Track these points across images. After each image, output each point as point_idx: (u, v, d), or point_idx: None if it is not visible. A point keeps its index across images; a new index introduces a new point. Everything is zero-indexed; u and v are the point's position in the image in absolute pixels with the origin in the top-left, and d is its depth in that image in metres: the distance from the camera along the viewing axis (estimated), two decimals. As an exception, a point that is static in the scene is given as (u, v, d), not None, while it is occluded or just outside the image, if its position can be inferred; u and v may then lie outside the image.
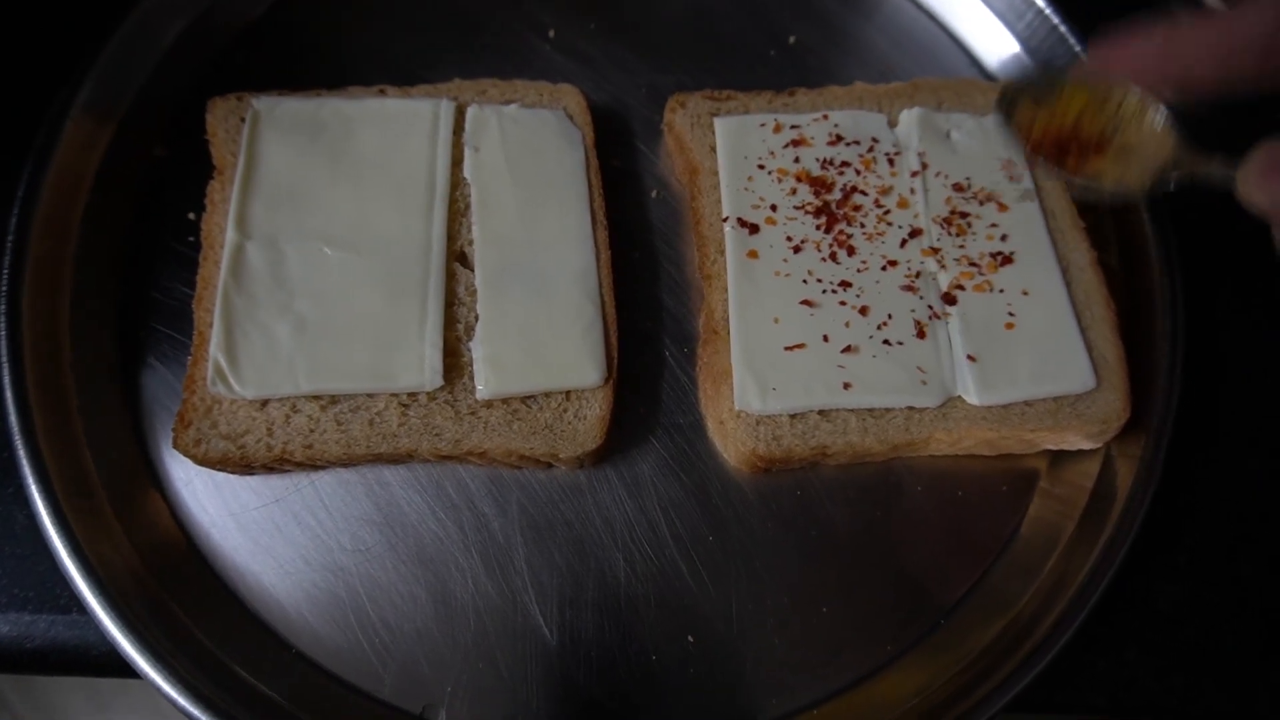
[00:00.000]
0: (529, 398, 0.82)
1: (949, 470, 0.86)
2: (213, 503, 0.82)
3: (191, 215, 0.91)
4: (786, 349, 0.83)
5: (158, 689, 0.71)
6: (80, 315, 0.86)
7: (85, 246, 0.88)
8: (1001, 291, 0.86)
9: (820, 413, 0.82)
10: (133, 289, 0.89)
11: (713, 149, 0.92)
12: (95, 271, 0.88)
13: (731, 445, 0.83)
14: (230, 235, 0.84)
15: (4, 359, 0.79)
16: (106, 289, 0.88)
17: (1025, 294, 0.86)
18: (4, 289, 0.81)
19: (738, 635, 0.80)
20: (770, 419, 0.82)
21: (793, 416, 0.82)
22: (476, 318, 0.84)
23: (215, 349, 0.80)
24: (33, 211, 0.85)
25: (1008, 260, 0.87)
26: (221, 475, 0.83)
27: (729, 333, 0.84)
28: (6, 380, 0.78)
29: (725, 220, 0.88)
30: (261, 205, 0.86)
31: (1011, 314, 0.85)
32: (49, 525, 0.75)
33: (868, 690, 0.79)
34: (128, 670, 0.75)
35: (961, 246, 0.88)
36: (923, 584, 0.82)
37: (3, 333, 0.80)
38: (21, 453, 0.76)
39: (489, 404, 0.81)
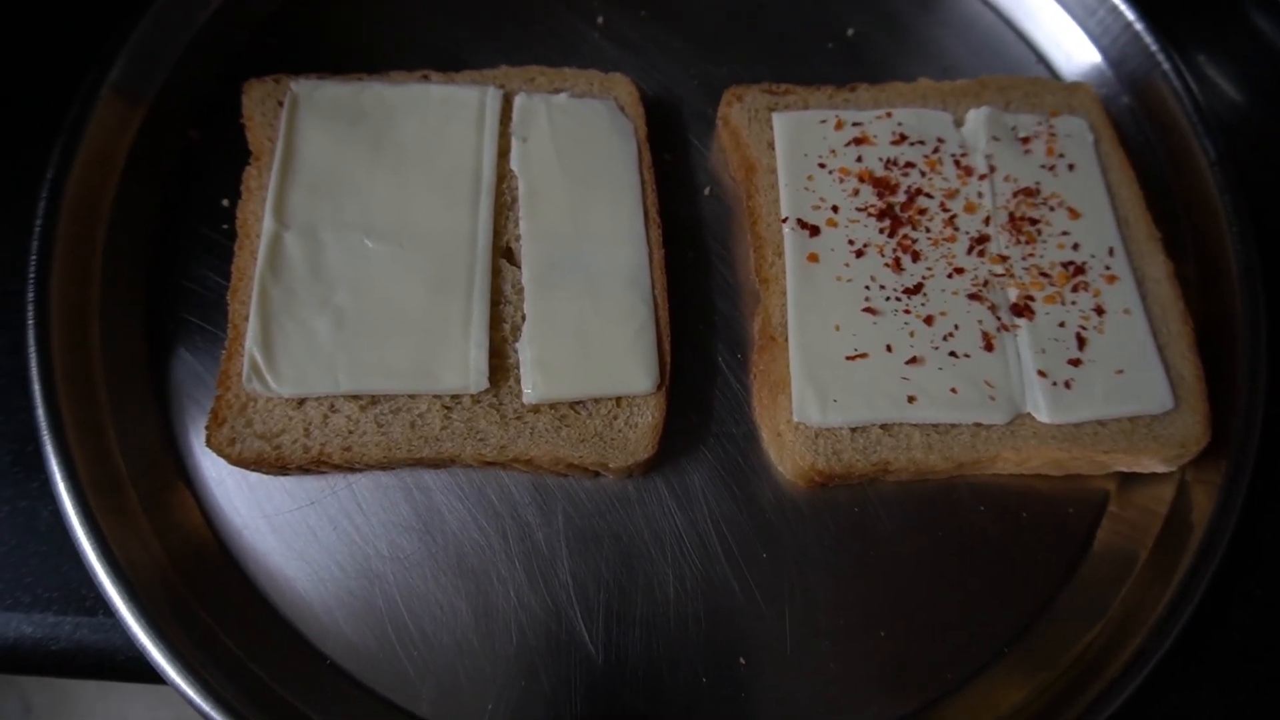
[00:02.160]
0: (578, 403, 0.78)
1: (1013, 490, 0.82)
2: (245, 503, 0.79)
3: (225, 202, 0.87)
4: (848, 358, 0.79)
5: (187, 699, 0.68)
6: (110, 304, 0.82)
7: (115, 233, 0.85)
8: (1074, 304, 0.82)
9: (882, 427, 0.78)
10: (163, 278, 0.86)
11: (771, 145, 0.88)
12: (125, 259, 0.84)
13: (788, 458, 0.79)
14: (268, 224, 0.80)
15: (32, 348, 0.75)
16: (137, 277, 0.85)
17: (1098, 308, 0.82)
18: (33, 274, 0.77)
19: (791, 657, 0.76)
20: (830, 432, 0.78)
21: (854, 430, 0.78)
22: (524, 317, 0.80)
23: (251, 344, 0.76)
24: (62, 195, 0.81)
25: (1080, 270, 0.83)
26: (255, 475, 0.79)
27: (787, 340, 0.80)
28: (34, 371, 0.75)
29: (784, 221, 0.84)
30: (300, 193, 0.82)
31: (1084, 328, 0.81)
32: (76, 524, 0.71)
33: (927, 718, 0.75)
34: (155, 676, 0.72)
35: (1031, 255, 0.84)
36: (985, 609, 0.79)
37: (31, 320, 0.76)
38: (49, 447, 0.73)
39: (536, 409, 0.78)
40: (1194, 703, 0.78)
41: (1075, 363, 0.79)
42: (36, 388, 0.74)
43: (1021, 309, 0.81)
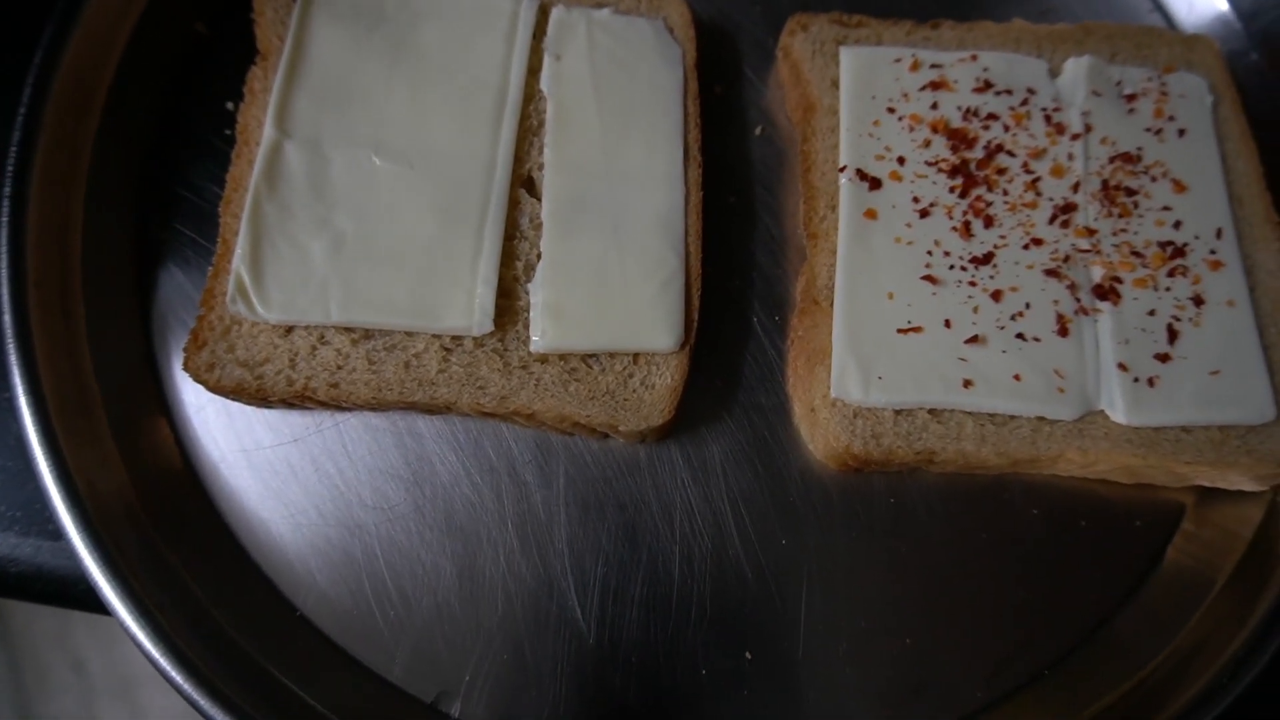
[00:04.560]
0: (591, 356, 0.70)
1: (1073, 494, 0.73)
2: (224, 435, 0.73)
3: (230, 105, 0.80)
4: (899, 331, 0.70)
5: (135, 641, 0.63)
6: (95, 207, 0.75)
7: (107, 130, 0.77)
8: (1168, 290, 0.71)
9: (931, 411, 0.69)
10: (157, 184, 0.79)
11: (835, 84, 0.78)
12: (116, 159, 0.77)
13: (820, 437, 0.71)
14: (268, 131, 0.73)
15: (3, 249, 0.69)
16: (128, 181, 0.78)
17: (1197, 297, 0.71)
18: (11, 167, 0.71)
19: (803, 658, 0.69)
20: (871, 412, 0.69)
21: (898, 412, 0.69)
22: (539, 256, 0.72)
23: (239, 261, 0.69)
24: (50, 83, 0.74)
25: (1179, 253, 0.72)
26: (236, 405, 0.73)
27: (832, 305, 0.71)
28: (3, 274, 0.69)
29: (842, 170, 0.74)
30: (306, 100, 0.75)
31: (1178, 319, 0.70)
32: (35, 443, 0.66)
33: (949, 740, 0.68)
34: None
35: (1124, 230, 0.73)
36: (1028, 625, 0.70)
37: (5, 219, 0.70)
38: (12, 358, 0.67)
39: (544, 359, 0.70)
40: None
41: (1163, 358, 0.69)
42: (4, 292, 0.68)
43: (1106, 291, 0.71)
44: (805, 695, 0.68)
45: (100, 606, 0.69)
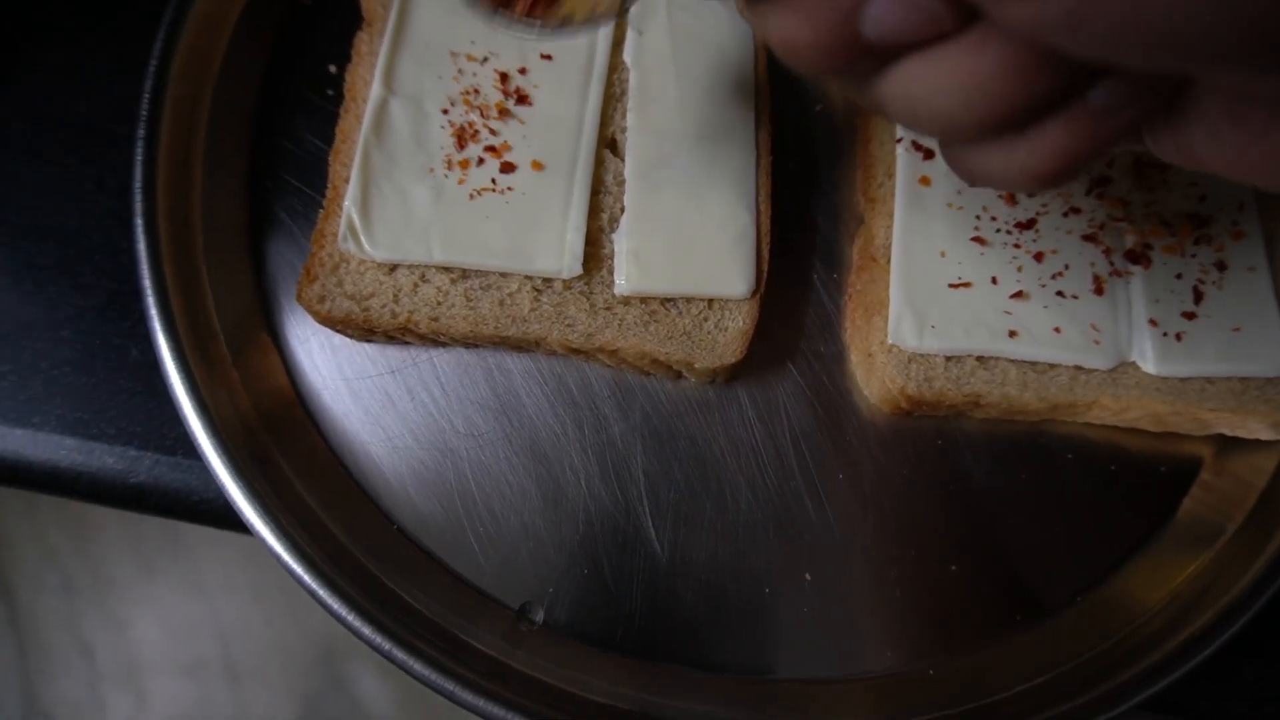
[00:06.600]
0: (669, 300, 0.77)
1: (1104, 442, 0.80)
2: (327, 365, 0.79)
3: (333, 68, 0.87)
4: (951, 286, 0.77)
5: (263, 541, 0.69)
6: (214, 155, 0.82)
7: (223, 86, 0.84)
8: (1194, 256, 0.78)
9: (978, 359, 0.76)
10: (265, 138, 0.86)
11: (892, 64, 0.85)
12: (231, 112, 0.84)
13: (876, 381, 0.77)
14: (376, 89, 0.80)
15: (137, 183, 0.76)
16: (241, 136, 0.85)
17: (1220, 263, 0.78)
18: (145, 112, 0.77)
19: (858, 580, 0.75)
20: (924, 358, 0.76)
21: (949, 359, 0.76)
22: (622, 209, 0.78)
23: (350, 203, 0.76)
24: (175, 47, 0.80)
25: (1204, 223, 0.79)
26: (339, 338, 0.80)
27: (889, 261, 0.78)
28: (138, 206, 0.75)
29: (899, 141, 0.81)
30: (410, 62, 0.81)
31: (1203, 281, 0.77)
32: (169, 364, 0.72)
33: (987, 658, 0.74)
34: (226, 520, 0.74)
35: (1154, 202, 0.80)
36: (1061, 558, 0.77)
37: (139, 158, 0.76)
38: (147, 282, 0.73)
39: (626, 301, 0.76)
40: (1275, 675, 0.75)
41: (1189, 315, 0.76)
42: (139, 222, 0.75)
43: (1138, 256, 0.78)
44: (861, 613, 0.74)
45: (214, 517, 0.76)
